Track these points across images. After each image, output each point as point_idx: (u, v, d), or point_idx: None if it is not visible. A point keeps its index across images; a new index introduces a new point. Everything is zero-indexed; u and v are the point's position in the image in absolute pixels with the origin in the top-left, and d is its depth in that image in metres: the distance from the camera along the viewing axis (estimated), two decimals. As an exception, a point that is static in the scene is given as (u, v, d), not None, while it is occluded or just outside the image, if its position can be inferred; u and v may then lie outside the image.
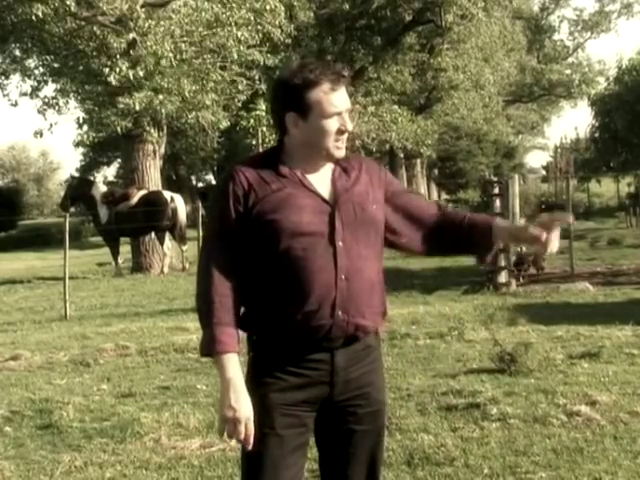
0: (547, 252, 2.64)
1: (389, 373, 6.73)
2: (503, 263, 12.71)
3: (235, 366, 2.52)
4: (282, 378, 2.57)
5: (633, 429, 5.06)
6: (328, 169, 2.67)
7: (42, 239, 32.38)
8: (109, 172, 52.39)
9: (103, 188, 20.03)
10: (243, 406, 2.49)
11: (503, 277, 12.64)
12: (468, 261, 16.55)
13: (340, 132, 2.60)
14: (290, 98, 2.57)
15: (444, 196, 46.40)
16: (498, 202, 12.96)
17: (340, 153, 2.63)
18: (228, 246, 2.57)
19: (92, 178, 31.95)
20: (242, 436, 2.50)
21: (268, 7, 19.04)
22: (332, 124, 2.58)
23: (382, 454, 2.84)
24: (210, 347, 2.53)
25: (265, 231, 2.54)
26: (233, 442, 4.98)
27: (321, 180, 2.63)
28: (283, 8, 20.06)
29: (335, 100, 2.57)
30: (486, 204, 13.31)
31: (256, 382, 2.57)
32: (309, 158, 2.63)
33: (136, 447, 5.25)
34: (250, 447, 2.52)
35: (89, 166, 51.11)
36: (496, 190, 13.05)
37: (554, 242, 2.59)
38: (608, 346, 7.41)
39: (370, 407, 2.70)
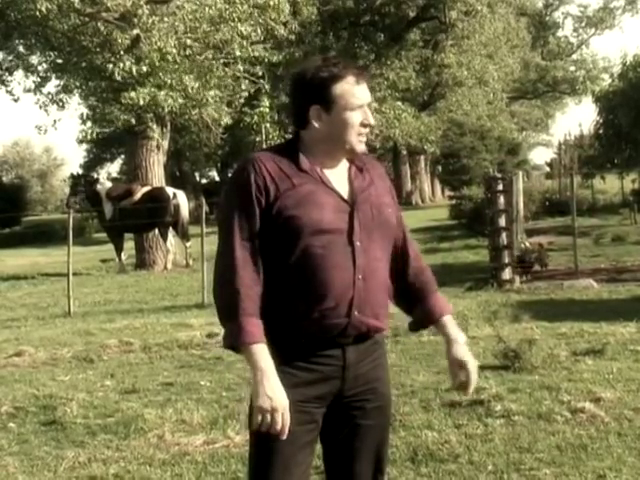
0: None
1: (393, 370, 6.71)
2: (507, 260, 12.70)
3: (267, 356, 2.48)
4: (295, 374, 2.55)
5: (637, 426, 5.05)
6: (344, 167, 2.67)
7: (46, 235, 32.46)
8: (112, 168, 52.59)
9: (108, 184, 20.09)
10: (279, 395, 2.47)
11: (507, 274, 12.62)
12: (472, 258, 16.58)
13: (363, 126, 2.62)
14: (315, 91, 2.58)
15: (448, 192, 46.36)
16: (502, 199, 12.93)
17: (362, 147, 2.65)
18: (251, 237, 2.54)
19: (95, 175, 32.01)
20: (279, 426, 2.46)
21: (272, 3, 19.03)
22: (355, 117, 2.60)
23: (387, 449, 2.85)
24: (238, 338, 2.48)
25: (286, 227, 2.52)
26: (237, 438, 5.00)
27: (339, 178, 2.64)
28: (287, 4, 20.05)
29: (359, 93, 2.60)
30: (490, 201, 13.26)
31: None
32: (329, 153, 2.63)
33: (140, 443, 5.24)
34: (284, 437, 2.48)
35: (93, 162, 51.25)
36: (500, 187, 13.02)
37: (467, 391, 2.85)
38: (612, 343, 7.39)
39: (377, 402, 2.70)
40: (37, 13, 16.86)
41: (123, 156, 43.53)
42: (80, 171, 32.66)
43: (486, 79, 35.94)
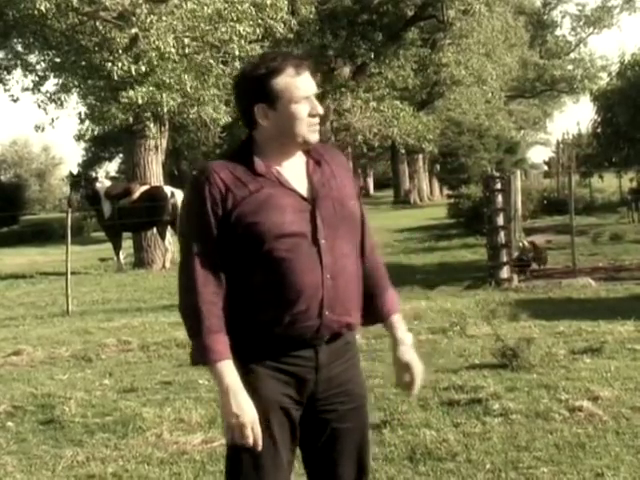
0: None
1: (391, 369, 6.71)
2: (505, 259, 12.71)
3: (232, 372, 2.48)
4: (268, 374, 2.53)
5: (635, 424, 5.05)
6: (301, 162, 2.63)
7: (44, 234, 32.41)
8: (111, 167, 52.52)
9: (107, 183, 20.10)
10: (246, 410, 2.46)
11: (505, 272, 12.64)
12: (470, 257, 16.59)
13: (311, 116, 2.56)
14: (256, 89, 2.54)
15: (446, 191, 46.38)
16: (500, 198, 12.95)
17: (315, 137, 2.60)
18: (209, 251, 2.51)
19: (94, 174, 32.00)
20: (250, 440, 2.47)
21: (270, 1, 19.02)
22: (302, 109, 2.55)
23: (369, 450, 2.80)
24: (204, 356, 2.49)
25: (247, 234, 2.49)
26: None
27: (297, 176, 2.59)
28: (285, 2, 20.04)
29: (301, 84, 2.54)
30: (488, 199, 13.27)
31: (245, 382, 2.51)
32: (283, 150, 2.59)
33: (138, 442, 5.24)
34: (259, 448, 2.49)
35: (91, 161, 51.16)
36: (498, 186, 13.04)
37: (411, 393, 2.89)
38: (610, 341, 7.39)
39: (352, 403, 2.68)
40: (35, 12, 16.83)
41: (121, 155, 43.48)
42: (79, 170, 32.61)
43: (484, 78, 35.89)
